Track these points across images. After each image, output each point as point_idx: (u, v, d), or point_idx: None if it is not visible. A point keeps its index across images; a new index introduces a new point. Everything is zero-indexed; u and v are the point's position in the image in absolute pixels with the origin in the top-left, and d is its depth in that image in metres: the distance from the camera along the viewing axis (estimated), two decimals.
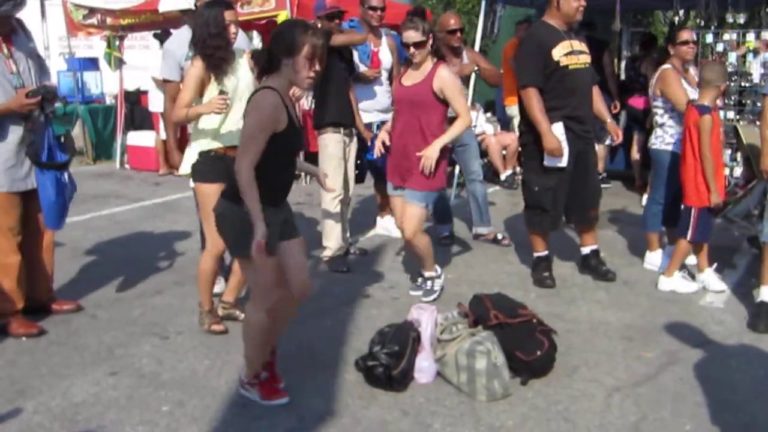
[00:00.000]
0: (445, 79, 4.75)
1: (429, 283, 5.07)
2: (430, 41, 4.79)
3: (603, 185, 8.78)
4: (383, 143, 5.00)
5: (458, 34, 6.25)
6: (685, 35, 5.65)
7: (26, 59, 4.42)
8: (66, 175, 4.50)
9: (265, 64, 3.32)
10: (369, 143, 6.13)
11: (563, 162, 5.17)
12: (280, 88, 3.29)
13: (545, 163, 5.19)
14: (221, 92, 4.20)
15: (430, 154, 4.69)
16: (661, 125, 5.58)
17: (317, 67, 3.26)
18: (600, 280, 5.54)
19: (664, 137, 5.55)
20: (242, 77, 4.38)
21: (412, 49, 4.77)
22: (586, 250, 5.70)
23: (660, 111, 5.60)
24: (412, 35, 4.74)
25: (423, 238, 4.97)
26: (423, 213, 4.92)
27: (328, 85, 5.68)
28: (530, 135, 5.26)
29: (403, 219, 4.90)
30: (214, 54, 4.20)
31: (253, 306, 3.53)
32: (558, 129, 5.14)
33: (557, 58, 5.13)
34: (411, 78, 4.87)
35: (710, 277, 5.25)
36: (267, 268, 3.38)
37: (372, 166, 6.38)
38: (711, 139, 4.93)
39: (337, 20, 5.69)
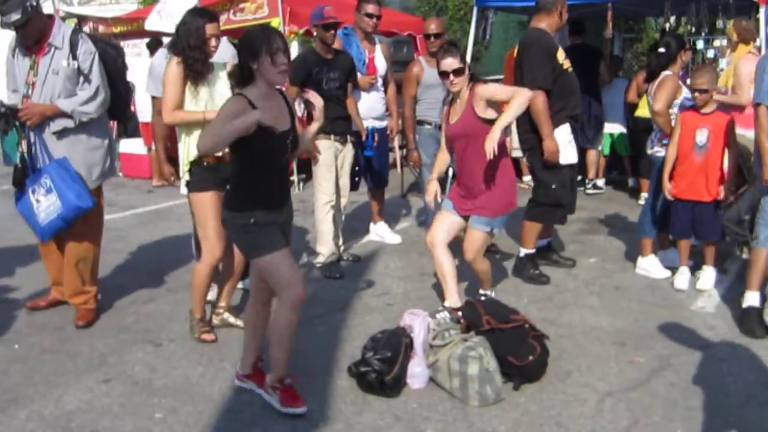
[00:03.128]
0: (480, 92, 4.50)
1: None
2: (467, 70, 4.57)
3: (596, 191, 8.86)
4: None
5: (433, 39, 6.22)
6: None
7: (47, 76, 4.44)
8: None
9: (242, 77, 3.44)
10: (363, 137, 6.11)
11: (575, 158, 5.53)
12: (254, 93, 3.40)
13: (561, 160, 5.41)
14: None
15: (494, 136, 4.28)
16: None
17: (283, 60, 3.38)
18: (560, 266, 5.86)
19: None
20: (219, 90, 4.33)
21: (451, 77, 4.48)
22: (543, 242, 5.98)
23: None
24: (449, 62, 4.47)
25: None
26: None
27: (319, 95, 5.67)
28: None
29: (467, 244, 4.75)
30: (192, 65, 4.21)
31: (281, 306, 3.55)
32: (566, 129, 5.44)
33: (561, 62, 5.37)
34: (456, 112, 4.66)
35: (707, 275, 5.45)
36: (282, 263, 3.49)
37: (370, 169, 6.39)
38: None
39: (333, 30, 5.68)
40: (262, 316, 3.77)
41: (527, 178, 9.42)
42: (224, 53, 4.57)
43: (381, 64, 6.29)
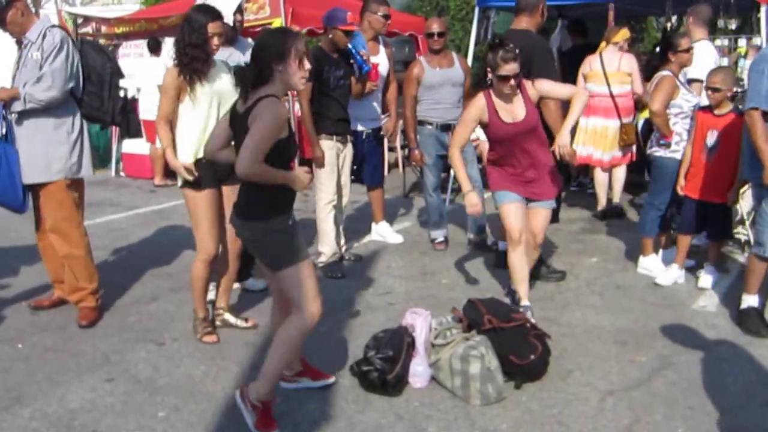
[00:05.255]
0: (533, 87, 4.61)
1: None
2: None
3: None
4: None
5: (436, 37, 6.30)
6: (686, 43, 5.67)
7: (22, 67, 4.59)
8: None
9: (257, 77, 3.30)
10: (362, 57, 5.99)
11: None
12: (278, 95, 3.32)
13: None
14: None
15: (565, 142, 4.50)
16: None
17: (307, 66, 3.31)
18: (548, 282, 5.75)
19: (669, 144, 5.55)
20: (221, 89, 4.32)
21: (512, 82, 4.44)
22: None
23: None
24: (515, 68, 4.42)
25: None
26: None
27: (324, 94, 5.70)
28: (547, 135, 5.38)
29: (540, 224, 4.85)
30: (190, 63, 4.21)
31: (298, 320, 3.40)
32: None
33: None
34: (510, 111, 4.59)
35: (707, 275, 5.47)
36: (310, 274, 3.43)
37: (365, 167, 6.42)
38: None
39: (350, 38, 5.76)
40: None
41: None
42: (246, 48, 4.55)
43: (384, 67, 6.38)
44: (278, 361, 3.43)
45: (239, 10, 5.01)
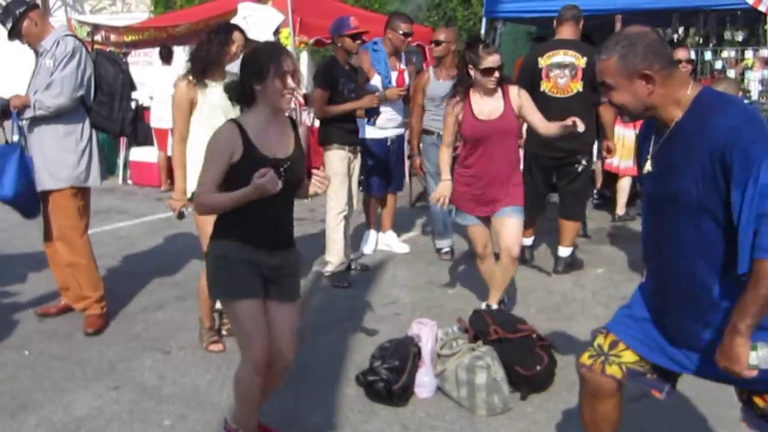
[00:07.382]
0: (521, 97, 4.64)
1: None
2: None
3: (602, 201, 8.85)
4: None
5: (433, 45, 6.43)
6: (681, 54, 5.68)
7: (36, 75, 4.66)
8: None
9: (239, 96, 3.08)
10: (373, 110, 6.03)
11: None
12: (252, 119, 3.02)
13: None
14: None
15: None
16: None
17: (291, 84, 2.96)
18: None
19: None
20: (227, 104, 4.33)
21: (497, 74, 4.48)
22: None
23: None
24: (497, 59, 4.48)
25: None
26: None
27: (337, 105, 5.73)
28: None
29: (512, 236, 4.65)
30: (203, 67, 4.26)
31: (242, 365, 3.12)
32: None
33: None
34: (487, 109, 4.59)
35: None
36: (246, 317, 3.03)
37: (389, 173, 6.48)
38: None
39: (359, 41, 5.79)
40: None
41: None
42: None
43: (407, 78, 6.51)
44: (236, 403, 3.24)
45: (277, 30, 5.09)
